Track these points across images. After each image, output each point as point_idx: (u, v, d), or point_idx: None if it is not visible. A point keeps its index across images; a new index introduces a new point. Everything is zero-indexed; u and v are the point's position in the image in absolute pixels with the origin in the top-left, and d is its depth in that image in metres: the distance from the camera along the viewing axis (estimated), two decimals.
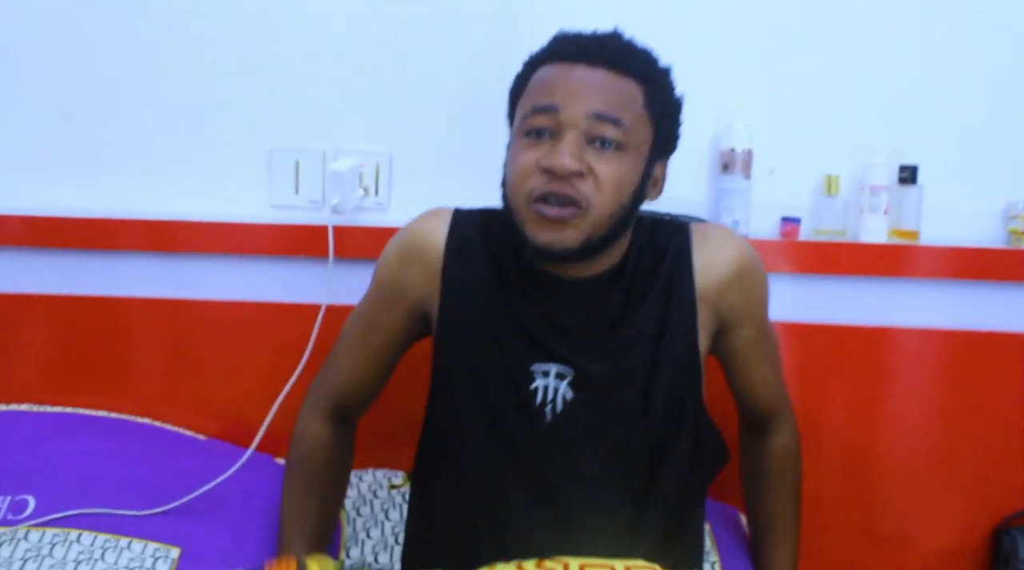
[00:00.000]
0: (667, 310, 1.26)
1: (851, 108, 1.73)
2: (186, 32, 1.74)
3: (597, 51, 1.19)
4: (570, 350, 1.26)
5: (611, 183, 1.16)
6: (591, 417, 1.25)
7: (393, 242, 1.37)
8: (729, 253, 1.29)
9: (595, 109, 1.16)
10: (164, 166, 1.76)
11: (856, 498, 1.72)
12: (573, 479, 1.26)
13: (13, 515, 1.43)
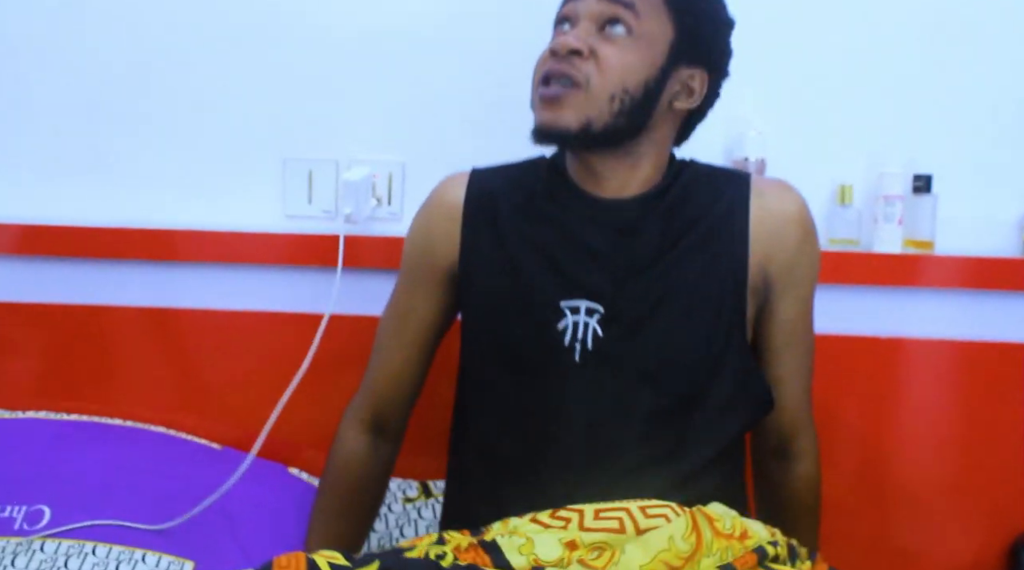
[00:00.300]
0: (715, 247, 1.23)
1: (865, 117, 1.72)
2: (200, 41, 1.74)
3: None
4: (601, 283, 1.22)
5: (613, 66, 1.18)
6: (623, 356, 1.22)
7: (416, 214, 1.39)
8: (788, 208, 1.27)
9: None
10: (178, 176, 1.77)
11: (870, 510, 1.71)
12: (604, 420, 1.22)
13: (29, 525, 1.43)
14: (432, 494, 1.63)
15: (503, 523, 1.16)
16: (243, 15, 1.74)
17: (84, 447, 1.62)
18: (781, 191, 1.29)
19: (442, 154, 1.75)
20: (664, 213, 1.25)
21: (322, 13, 1.74)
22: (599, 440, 1.22)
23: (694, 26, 1.22)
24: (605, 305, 1.22)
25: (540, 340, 1.23)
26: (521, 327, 1.25)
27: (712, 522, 1.12)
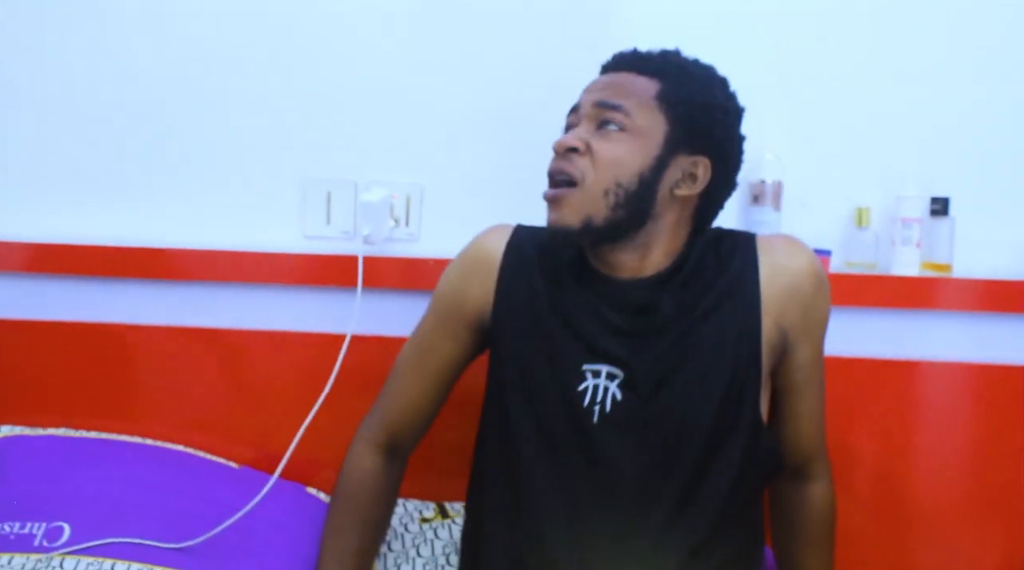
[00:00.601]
0: (728, 313, 1.28)
1: (882, 140, 1.73)
2: (222, 66, 1.76)
3: (624, 58, 1.32)
4: (621, 351, 1.27)
5: (607, 160, 1.24)
6: (640, 419, 1.26)
7: (455, 257, 1.43)
8: (797, 262, 1.30)
9: (601, 98, 1.27)
10: (199, 197, 1.78)
11: (889, 533, 1.70)
12: (618, 482, 1.25)
13: (49, 542, 1.44)
14: (448, 515, 1.63)
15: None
16: (263, 40, 1.76)
17: (104, 465, 1.63)
18: (788, 246, 1.32)
19: (459, 176, 1.77)
20: (678, 287, 1.30)
21: (340, 38, 1.76)
22: (615, 498, 1.25)
23: (689, 117, 1.27)
24: (624, 370, 1.27)
25: (561, 400, 1.29)
26: (544, 386, 1.30)
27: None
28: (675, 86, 1.27)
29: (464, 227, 1.71)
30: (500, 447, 1.34)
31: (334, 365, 1.51)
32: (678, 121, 1.26)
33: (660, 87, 1.27)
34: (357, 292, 1.56)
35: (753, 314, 1.28)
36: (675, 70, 1.29)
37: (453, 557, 1.55)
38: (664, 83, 1.27)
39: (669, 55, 1.32)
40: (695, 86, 1.29)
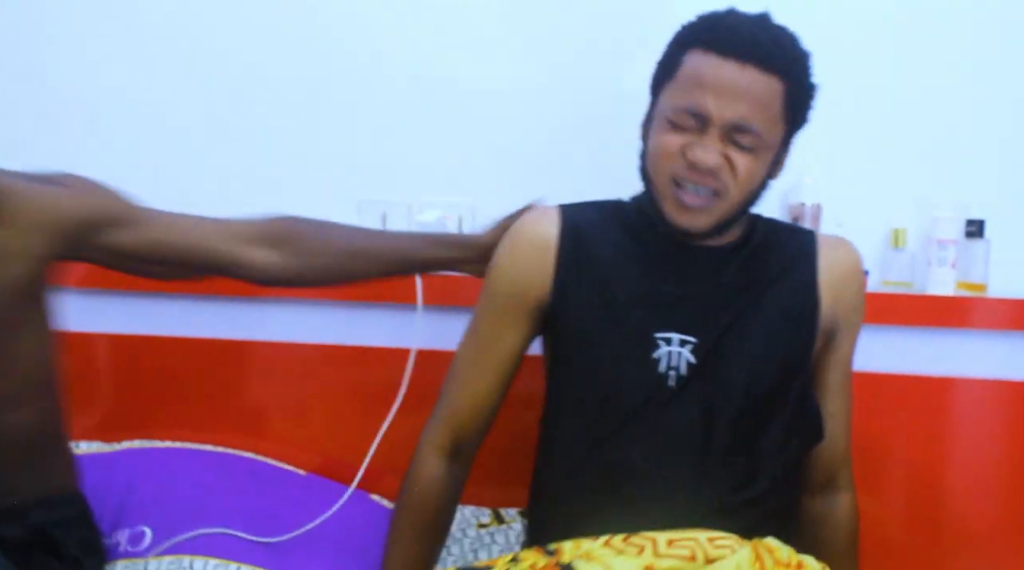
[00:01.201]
0: (790, 286, 1.36)
1: (918, 163, 1.79)
2: (282, 93, 1.85)
3: (749, 49, 1.26)
4: (692, 317, 1.33)
5: (746, 176, 1.28)
6: (710, 383, 1.32)
7: (503, 245, 1.43)
8: (852, 259, 1.41)
9: (738, 116, 1.26)
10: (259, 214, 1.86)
11: (923, 548, 1.74)
12: (692, 444, 1.32)
13: (132, 547, 1.53)
14: (504, 521, 1.71)
15: (575, 545, 1.23)
16: (323, 70, 1.84)
17: (179, 472, 1.71)
18: (844, 245, 1.42)
19: (510, 196, 1.80)
20: (745, 259, 1.37)
21: (395, 67, 1.84)
22: (683, 460, 1.32)
23: (802, 116, 1.34)
24: (696, 336, 1.33)
25: (636, 368, 1.33)
26: (617, 357, 1.34)
27: (772, 553, 1.20)
28: (797, 87, 1.30)
29: None
30: (573, 423, 1.38)
31: (392, 378, 1.58)
32: (792, 123, 1.33)
33: (784, 89, 1.28)
34: (418, 309, 1.64)
35: (812, 296, 1.37)
36: (797, 66, 1.31)
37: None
38: (788, 84, 1.29)
39: (789, 46, 1.31)
40: (807, 77, 1.32)
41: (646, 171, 1.34)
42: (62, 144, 1.85)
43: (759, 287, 1.36)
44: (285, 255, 1.44)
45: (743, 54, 1.26)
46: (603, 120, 1.80)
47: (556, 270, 1.38)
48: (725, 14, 1.31)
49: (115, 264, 1.44)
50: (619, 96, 1.70)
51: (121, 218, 1.39)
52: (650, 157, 1.33)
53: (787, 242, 1.41)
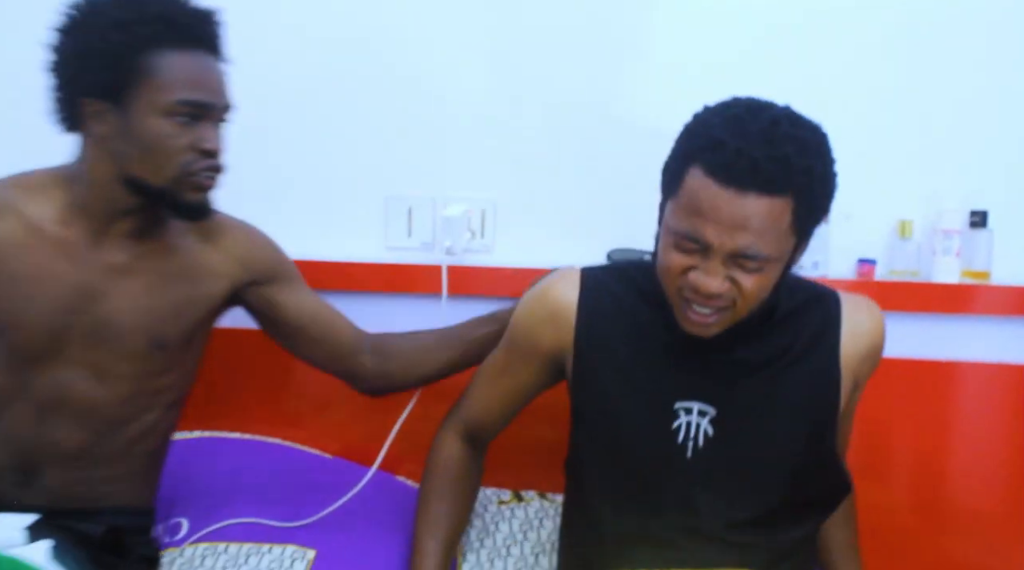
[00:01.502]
0: (812, 362, 1.35)
1: (924, 156, 1.84)
2: (311, 94, 1.92)
3: (750, 176, 1.18)
4: (713, 388, 1.33)
5: (755, 292, 1.24)
6: (731, 453, 1.33)
7: (526, 301, 1.47)
8: (876, 326, 1.39)
9: (740, 248, 1.20)
10: (292, 212, 1.93)
11: (927, 529, 1.79)
12: (711, 517, 1.33)
13: (170, 537, 1.60)
14: (523, 499, 1.78)
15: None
16: (351, 70, 1.91)
17: (211, 460, 1.78)
18: (869, 310, 1.40)
19: (530, 192, 1.91)
20: (769, 333, 1.35)
21: (420, 67, 1.90)
22: (704, 531, 1.34)
23: (816, 223, 1.27)
24: (717, 407, 1.34)
25: (656, 437, 1.34)
26: (636, 427, 1.35)
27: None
28: (808, 200, 1.21)
29: (533, 238, 1.87)
30: (595, 485, 1.40)
31: None
32: (809, 230, 1.26)
33: (793, 207, 1.20)
34: (443, 299, 1.71)
35: (834, 365, 1.35)
36: (808, 179, 1.20)
37: (530, 533, 1.69)
38: (796, 202, 1.20)
39: (798, 159, 1.19)
40: (824, 183, 1.23)
41: (658, 275, 1.31)
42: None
43: (782, 363, 1.34)
44: (380, 358, 1.61)
45: (744, 182, 1.18)
46: (623, 122, 1.87)
47: (576, 336, 1.39)
48: (730, 130, 1.20)
49: (261, 313, 1.59)
50: (638, 100, 1.77)
51: (290, 276, 1.59)
52: (659, 266, 1.30)
53: (812, 311, 1.37)
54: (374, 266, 1.90)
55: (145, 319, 1.45)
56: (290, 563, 1.52)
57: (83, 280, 1.42)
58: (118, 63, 1.34)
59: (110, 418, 1.47)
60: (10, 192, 1.43)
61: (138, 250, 1.46)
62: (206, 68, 1.40)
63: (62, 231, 1.42)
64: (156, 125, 1.35)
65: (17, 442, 1.45)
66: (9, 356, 1.43)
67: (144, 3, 1.36)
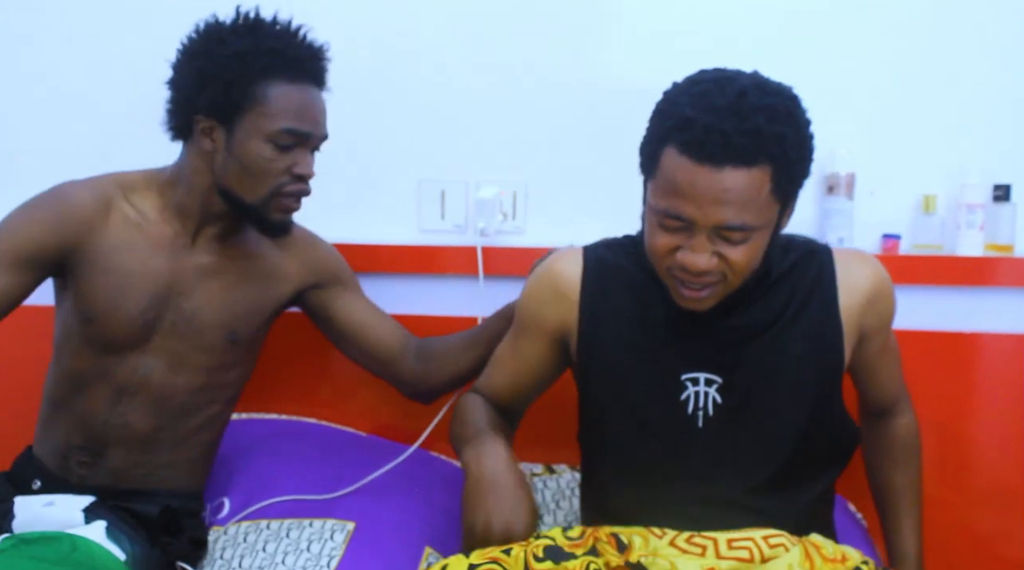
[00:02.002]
0: (812, 318, 1.36)
1: (947, 132, 1.86)
2: (347, 81, 1.89)
3: (723, 150, 1.18)
4: (717, 357, 1.35)
5: (744, 263, 1.25)
6: (741, 418, 1.35)
7: (530, 281, 1.48)
8: (871, 276, 1.39)
9: (721, 220, 1.21)
10: (327, 196, 1.89)
11: (952, 494, 1.82)
12: (721, 475, 1.36)
13: (213, 517, 1.66)
14: (555, 472, 1.84)
15: (644, 540, 1.33)
16: (383, 57, 1.95)
17: (251, 441, 1.84)
18: (860, 261, 1.40)
19: (560, 174, 1.95)
20: (766, 294, 1.36)
21: (454, 53, 1.94)
22: (714, 494, 1.36)
23: (796, 185, 1.27)
24: (723, 375, 1.35)
25: (665, 410, 1.36)
26: (646, 399, 1.37)
27: (819, 549, 1.32)
28: (784, 166, 1.21)
29: (563, 219, 1.91)
30: (606, 458, 1.43)
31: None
32: (791, 194, 1.27)
33: (772, 174, 1.21)
34: (479, 279, 1.75)
35: (835, 318, 1.36)
36: (783, 144, 1.20)
37: (562, 502, 1.75)
38: (775, 168, 1.21)
39: (769, 127, 1.19)
40: (799, 148, 1.23)
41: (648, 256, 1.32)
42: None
43: (782, 323, 1.35)
44: (421, 363, 1.69)
45: (718, 157, 1.18)
46: (652, 101, 1.88)
47: (580, 314, 1.41)
48: (699, 106, 1.20)
49: (315, 314, 1.72)
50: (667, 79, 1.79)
51: (347, 284, 1.71)
52: (647, 247, 1.31)
53: (805, 268, 1.38)
54: (408, 249, 1.95)
55: (223, 316, 1.58)
56: (330, 534, 1.57)
57: (175, 276, 1.55)
58: (233, 89, 1.46)
59: (180, 406, 1.58)
60: (113, 189, 1.55)
61: (223, 252, 1.59)
62: (310, 100, 1.52)
63: (159, 230, 1.55)
64: (258, 148, 1.48)
65: (90, 422, 1.56)
66: (95, 343, 1.53)
67: (261, 36, 1.49)
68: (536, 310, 1.46)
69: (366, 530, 1.58)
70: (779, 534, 1.31)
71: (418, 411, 1.76)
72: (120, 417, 1.56)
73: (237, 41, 1.47)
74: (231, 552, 1.56)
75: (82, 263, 1.51)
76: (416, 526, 1.62)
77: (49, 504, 1.52)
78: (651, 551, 1.31)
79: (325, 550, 1.54)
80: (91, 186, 1.54)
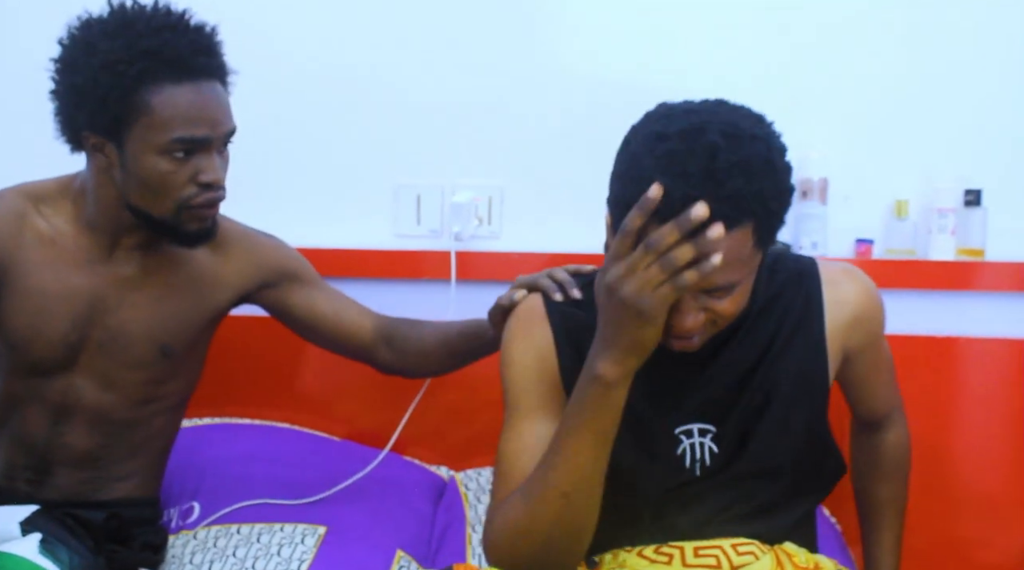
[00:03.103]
0: (798, 350, 1.30)
1: (919, 137, 1.87)
2: (322, 88, 1.96)
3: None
4: (707, 403, 1.29)
5: (732, 311, 1.18)
6: (737, 464, 1.29)
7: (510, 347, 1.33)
8: (859, 294, 1.32)
9: (708, 284, 1.13)
10: (301, 200, 1.98)
11: (931, 503, 1.81)
12: (714, 512, 1.31)
13: (183, 521, 1.65)
14: None
15: (613, 556, 1.31)
16: (358, 61, 1.95)
17: (223, 446, 1.83)
18: (848, 276, 1.34)
19: (535, 179, 1.95)
20: (749, 333, 1.29)
21: (425, 55, 1.94)
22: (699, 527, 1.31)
23: (778, 232, 1.19)
24: (715, 423, 1.29)
25: (662, 468, 1.29)
26: (640, 459, 1.29)
27: (791, 557, 1.29)
28: (766, 218, 1.13)
29: (538, 223, 1.92)
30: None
31: None
32: (773, 238, 1.19)
33: (754, 228, 1.12)
34: (451, 284, 1.75)
35: (820, 347, 1.30)
36: (760, 205, 1.11)
37: None
38: (757, 223, 1.12)
39: (744, 189, 1.09)
40: (777, 198, 1.14)
41: None
42: None
43: (770, 357, 1.29)
44: (395, 353, 1.61)
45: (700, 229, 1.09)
46: (627, 108, 1.89)
47: (561, 378, 1.30)
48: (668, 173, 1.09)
49: (274, 312, 1.62)
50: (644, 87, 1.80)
51: (301, 277, 1.60)
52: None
53: (793, 294, 1.31)
54: (383, 253, 1.95)
55: (153, 329, 1.48)
56: (301, 539, 1.56)
57: (96, 293, 1.45)
58: (110, 103, 1.33)
59: (119, 423, 1.50)
60: (21, 202, 1.44)
61: (146, 262, 1.48)
62: (203, 99, 1.36)
63: (74, 244, 1.44)
64: (153, 162, 1.35)
65: (30, 444, 1.49)
66: (22, 367, 1.46)
67: (134, 37, 1.33)
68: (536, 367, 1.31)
69: (337, 534, 1.58)
70: (749, 542, 1.29)
71: (393, 418, 1.75)
72: (60, 438, 1.49)
73: (107, 48, 1.32)
74: (201, 557, 1.54)
75: (1, 286, 1.42)
76: (388, 529, 1.61)
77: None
78: (619, 564, 1.30)
79: (296, 554, 1.53)
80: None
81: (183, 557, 1.55)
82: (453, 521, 1.72)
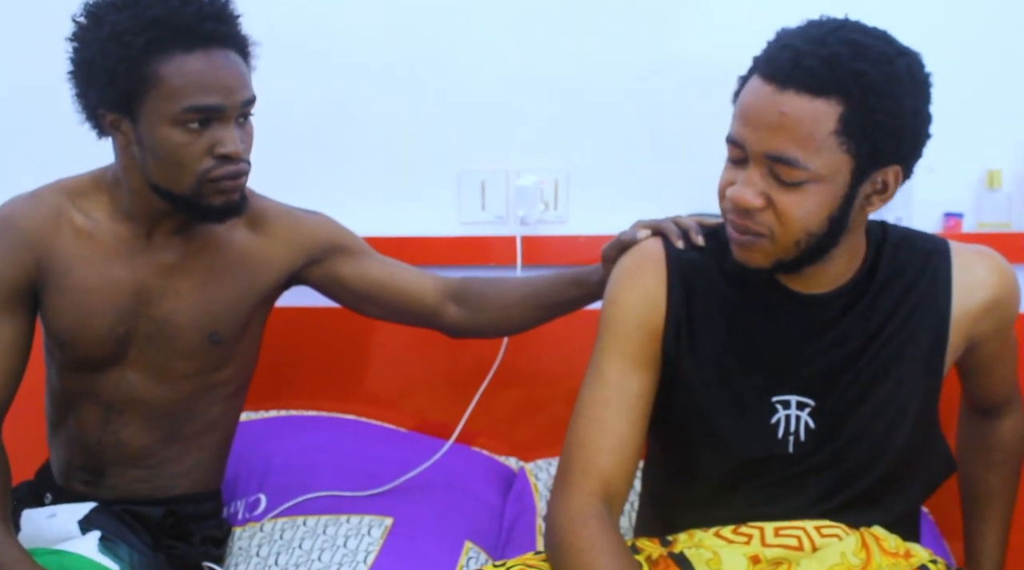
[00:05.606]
0: (916, 334, 1.23)
1: (1010, 104, 1.78)
2: (387, 76, 1.93)
3: (788, 71, 1.09)
4: (809, 377, 1.23)
5: (793, 217, 1.12)
6: (835, 445, 1.23)
7: (617, 283, 1.28)
8: (992, 278, 1.25)
9: (772, 148, 1.10)
10: (364, 189, 1.95)
11: None
12: (810, 497, 1.25)
13: (249, 513, 1.63)
14: None
15: (689, 535, 1.25)
16: (422, 48, 1.91)
17: (288, 438, 1.81)
18: (984, 260, 1.27)
19: (603, 161, 1.90)
20: (864, 308, 1.23)
21: (488, 41, 1.90)
22: (794, 512, 1.25)
23: (876, 139, 1.11)
24: (815, 398, 1.23)
25: (753, 437, 1.24)
26: (733, 425, 1.24)
27: (879, 541, 1.22)
28: (858, 108, 1.08)
29: (606, 207, 1.86)
30: (685, 479, 1.30)
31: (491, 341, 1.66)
32: (864, 149, 1.11)
33: (841, 113, 1.08)
34: (517, 270, 1.70)
35: (942, 331, 1.24)
36: (856, 83, 1.08)
37: None
38: (845, 107, 1.08)
39: (851, 62, 1.08)
40: (882, 97, 1.09)
41: None
42: None
43: (884, 337, 1.22)
44: (468, 310, 1.54)
45: (782, 79, 1.09)
46: (693, 86, 1.84)
47: (666, 328, 1.25)
48: (793, 32, 1.13)
49: (326, 289, 1.57)
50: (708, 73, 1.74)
51: (349, 248, 1.55)
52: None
53: (918, 273, 1.24)
54: (449, 240, 1.91)
55: (200, 317, 1.45)
56: (367, 530, 1.53)
57: (138, 283, 1.43)
58: (120, 76, 1.29)
59: (173, 416, 1.48)
60: (58, 198, 1.43)
61: (186, 248, 1.45)
62: (215, 67, 1.31)
63: (112, 236, 1.42)
64: (167, 134, 1.31)
65: (84, 443, 1.48)
66: (72, 364, 1.45)
67: (140, 8, 1.29)
68: (638, 315, 1.25)
69: (404, 525, 1.55)
70: (833, 525, 1.22)
71: (460, 409, 1.71)
72: (112, 435, 1.47)
73: (115, 19, 1.28)
74: (267, 549, 1.53)
75: (45, 286, 1.41)
76: (455, 520, 1.58)
77: (51, 516, 1.45)
78: (695, 543, 1.24)
79: (362, 546, 1.50)
80: (36, 201, 1.42)
81: (250, 549, 1.54)
82: (523, 512, 1.69)
